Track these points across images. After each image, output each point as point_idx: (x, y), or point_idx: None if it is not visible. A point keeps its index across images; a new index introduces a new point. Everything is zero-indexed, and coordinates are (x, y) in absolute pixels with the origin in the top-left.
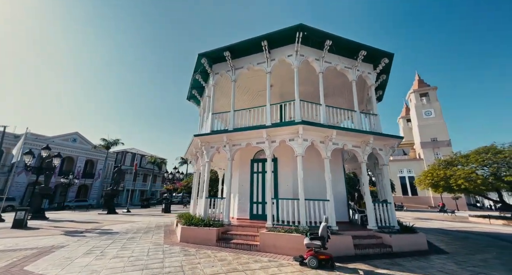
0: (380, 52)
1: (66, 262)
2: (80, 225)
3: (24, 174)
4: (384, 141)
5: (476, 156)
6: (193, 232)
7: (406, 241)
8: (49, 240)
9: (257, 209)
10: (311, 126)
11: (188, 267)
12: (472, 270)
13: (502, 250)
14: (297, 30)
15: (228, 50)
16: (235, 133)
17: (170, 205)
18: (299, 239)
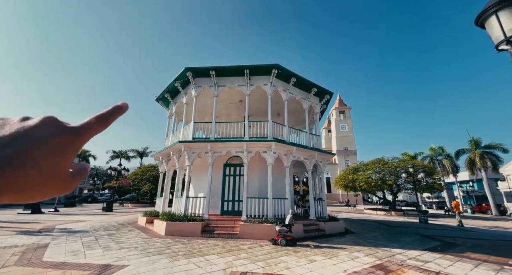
0: (325, 90)
1: (76, 254)
2: (20, 225)
3: None
4: (323, 156)
5: (372, 165)
6: (178, 226)
7: (333, 226)
8: (20, 240)
9: (227, 206)
10: (280, 143)
11: (195, 250)
12: (369, 241)
13: (384, 230)
14: (273, 67)
15: (214, 70)
16: (218, 143)
17: (112, 204)
18: (270, 227)
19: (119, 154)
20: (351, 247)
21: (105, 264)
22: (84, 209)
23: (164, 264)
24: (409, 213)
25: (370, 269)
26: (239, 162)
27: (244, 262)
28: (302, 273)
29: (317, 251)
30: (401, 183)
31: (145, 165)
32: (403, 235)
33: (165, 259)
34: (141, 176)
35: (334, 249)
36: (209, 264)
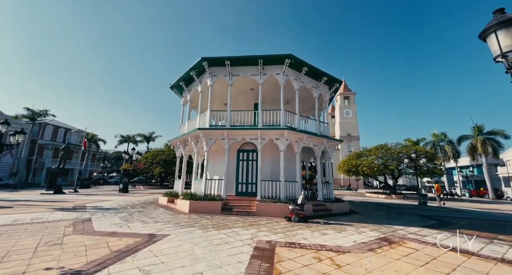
0: (334, 78)
1: (120, 226)
2: (52, 203)
3: (10, 156)
4: (331, 142)
5: (375, 151)
6: (200, 205)
7: (339, 206)
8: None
9: (241, 188)
10: (292, 131)
11: (221, 224)
12: (372, 219)
13: (385, 211)
14: (286, 57)
15: (229, 59)
16: (234, 130)
17: (128, 186)
18: (283, 207)
19: (127, 138)
20: (357, 224)
21: (150, 233)
22: (99, 190)
23: (199, 234)
24: (409, 196)
25: (376, 241)
26: (252, 148)
27: (266, 234)
28: (317, 242)
29: (327, 226)
30: (403, 168)
31: (154, 149)
32: (403, 215)
33: (199, 230)
34: (151, 160)
35: (342, 225)
36: (237, 234)
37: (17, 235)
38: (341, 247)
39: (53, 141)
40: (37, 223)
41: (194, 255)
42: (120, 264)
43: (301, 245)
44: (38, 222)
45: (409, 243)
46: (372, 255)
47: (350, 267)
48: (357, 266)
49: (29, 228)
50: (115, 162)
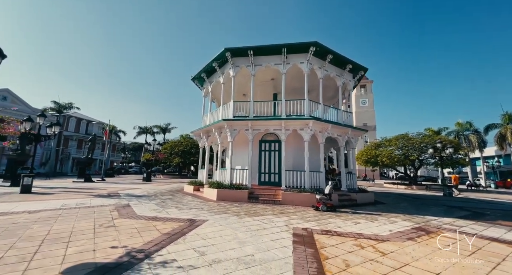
0: (359, 66)
1: (159, 211)
2: (89, 191)
3: None
4: (355, 132)
5: (395, 141)
6: (227, 193)
7: (364, 197)
8: (101, 201)
9: (264, 178)
10: (317, 121)
11: (251, 211)
12: (400, 210)
13: (410, 201)
14: (311, 45)
15: (252, 49)
16: (257, 120)
17: (151, 175)
18: (309, 196)
19: (144, 130)
20: (386, 214)
21: (189, 219)
22: (122, 179)
23: (235, 220)
24: (432, 187)
25: (412, 230)
26: (274, 139)
27: (299, 221)
28: (353, 231)
29: (356, 216)
30: (424, 158)
31: (172, 140)
32: (430, 206)
33: (233, 217)
34: (170, 151)
35: (372, 215)
36: (271, 221)
37: (71, 218)
38: (378, 236)
39: (76, 133)
40: (83, 208)
41: (238, 239)
42: (175, 245)
43: (337, 233)
44: (84, 207)
45: (448, 233)
46: (414, 244)
47: (395, 255)
48: (402, 254)
49: (79, 212)
50: (133, 153)
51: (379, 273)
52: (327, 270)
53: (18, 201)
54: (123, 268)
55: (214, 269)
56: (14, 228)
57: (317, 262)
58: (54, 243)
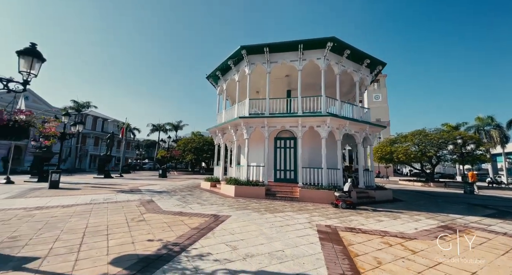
0: (378, 61)
1: (183, 206)
2: (111, 186)
3: None
4: (373, 128)
5: (411, 137)
6: (244, 190)
7: (382, 194)
8: (126, 196)
9: (279, 174)
10: (334, 118)
11: (271, 208)
12: (421, 207)
13: (430, 199)
14: (328, 40)
15: (268, 46)
16: (273, 118)
17: (166, 171)
18: (328, 193)
19: (158, 127)
20: (408, 212)
21: (212, 214)
22: (138, 175)
23: (257, 216)
24: (450, 184)
25: (439, 229)
26: (289, 136)
27: (321, 218)
28: (377, 228)
29: (378, 213)
30: (442, 155)
31: (184, 137)
32: (452, 203)
33: (255, 213)
34: (183, 148)
35: (393, 213)
36: (293, 218)
37: (103, 212)
38: (405, 234)
39: (93, 131)
40: (111, 202)
41: (265, 234)
42: (206, 239)
43: (362, 230)
44: (111, 202)
45: (477, 232)
46: (443, 243)
47: (426, 253)
48: (433, 252)
49: (109, 207)
50: (146, 149)
51: (413, 271)
52: (360, 267)
53: (50, 196)
54: (164, 260)
55: (249, 263)
56: (54, 221)
57: (348, 258)
58: (95, 235)
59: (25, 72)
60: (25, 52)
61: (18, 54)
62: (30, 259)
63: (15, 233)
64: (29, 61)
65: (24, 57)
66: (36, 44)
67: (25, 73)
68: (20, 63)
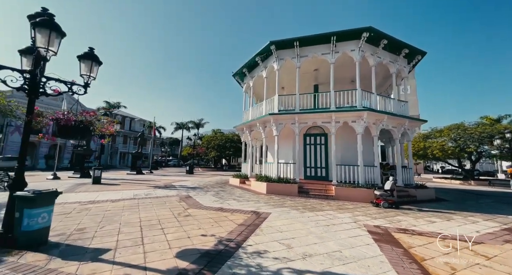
0: (416, 50)
1: (221, 202)
2: (147, 182)
3: (18, 133)
4: (413, 123)
5: (447, 131)
6: (276, 187)
7: (423, 193)
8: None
9: (310, 172)
10: (372, 112)
11: (309, 206)
12: (472, 208)
13: (476, 199)
14: (364, 30)
15: (298, 40)
16: (304, 114)
17: (193, 168)
18: (366, 192)
19: (181, 125)
20: (459, 213)
21: (252, 211)
22: (166, 171)
23: (297, 214)
24: (495, 182)
25: (504, 232)
26: (319, 132)
27: (365, 218)
28: (433, 230)
29: (425, 214)
30: (484, 150)
31: (206, 134)
32: (504, 203)
33: (294, 211)
34: (206, 145)
35: (443, 214)
36: (336, 217)
37: (149, 207)
38: (468, 237)
39: (121, 129)
40: (153, 198)
41: (314, 234)
42: (256, 236)
43: (417, 232)
44: (153, 197)
45: None
46: None
47: (502, 259)
48: (509, 258)
49: (152, 202)
50: (170, 147)
51: None
52: (433, 272)
53: (96, 191)
54: (225, 255)
55: (310, 263)
56: (109, 215)
57: (415, 263)
58: (151, 229)
59: (85, 75)
60: (85, 57)
61: (79, 58)
62: (103, 250)
63: (80, 225)
64: (89, 65)
65: (84, 61)
66: (94, 48)
67: (86, 76)
68: (81, 67)
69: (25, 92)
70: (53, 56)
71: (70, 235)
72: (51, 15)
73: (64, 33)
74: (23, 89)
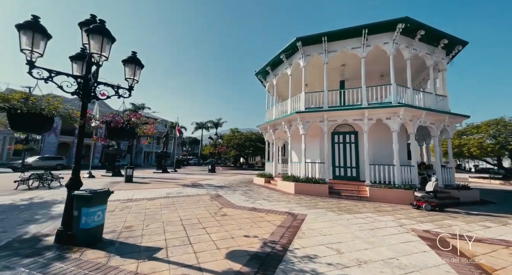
0: (457, 40)
1: (252, 202)
2: (174, 181)
3: (53, 135)
4: (454, 119)
5: (486, 127)
6: (305, 187)
7: (467, 194)
8: (192, 190)
9: (339, 172)
10: (409, 108)
11: (343, 207)
12: None
13: None
14: (400, 22)
15: (326, 35)
16: (333, 111)
17: (215, 166)
18: (404, 193)
19: (200, 125)
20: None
21: (286, 212)
22: (189, 170)
23: (335, 216)
24: None
25: None
26: (349, 130)
27: (410, 222)
28: (492, 237)
29: (476, 218)
30: None
31: (227, 134)
32: None
33: (330, 212)
34: (226, 144)
35: (495, 217)
36: (378, 220)
37: (185, 205)
38: None
39: None
40: (184, 196)
41: (361, 238)
42: (301, 239)
43: (474, 238)
44: (184, 196)
45: None
46: None
47: None
48: None
49: (186, 200)
50: (190, 146)
51: None
52: None
53: (130, 189)
54: (275, 259)
55: (369, 271)
56: (150, 213)
57: (486, 273)
58: (193, 228)
59: (130, 78)
60: (129, 61)
61: (123, 63)
62: (155, 249)
63: (127, 223)
64: (132, 68)
65: (128, 65)
66: (136, 52)
67: (130, 80)
68: (125, 71)
69: (78, 97)
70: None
71: (121, 233)
72: (102, 21)
73: (114, 38)
74: (77, 94)
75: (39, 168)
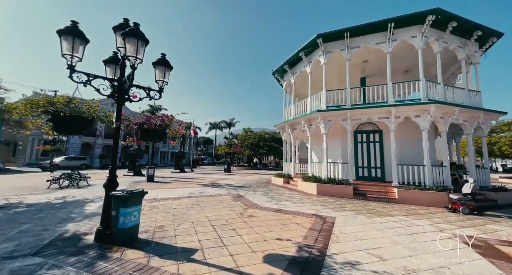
0: (492, 32)
1: (275, 203)
2: (193, 180)
3: (77, 136)
4: (489, 115)
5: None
6: (327, 188)
7: (506, 196)
8: (212, 189)
9: (362, 172)
10: (440, 105)
11: (372, 209)
12: None
13: None
14: (430, 13)
15: (348, 31)
16: (357, 109)
17: (230, 166)
18: (438, 195)
19: (214, 125)
20: None
21: (313, 214)
22: (204, 170)
23: (366, 219)
24: None
25: None
26: (372, 129)
27: (449, 226)
28: None
29: None
30: None
31: (241, 134)
32: None
33: (359, 215)
34: (240, 144)
35: None
36: (412, 224)
37: (210, 204)
38: None
39: None
40: (207, 196)
41: (400, 243)
42: (337, 244)
43: None
44: (206, 196)
45: None
46: None
47: None
48: None
49: (210, 200)
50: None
51: None
52: None
53: (154, 189)
54: (315, 264)
55: None
56: (177, 213)
57: None
58: (223, 229)
59: (160, 80)
60: (159, 63)
61: (153, 65)
62: (191, 250)
63: (158, 223)
64: (162, 70)
65: (158, 67)
66: (165, 54)
67: (160, 82)
68: (156, 73)
69: (114, 99)
70: None
71: (154, 233)
72: (136, 24)
73: (147, 40)
74: (112, 96)
75: (65, 168)
